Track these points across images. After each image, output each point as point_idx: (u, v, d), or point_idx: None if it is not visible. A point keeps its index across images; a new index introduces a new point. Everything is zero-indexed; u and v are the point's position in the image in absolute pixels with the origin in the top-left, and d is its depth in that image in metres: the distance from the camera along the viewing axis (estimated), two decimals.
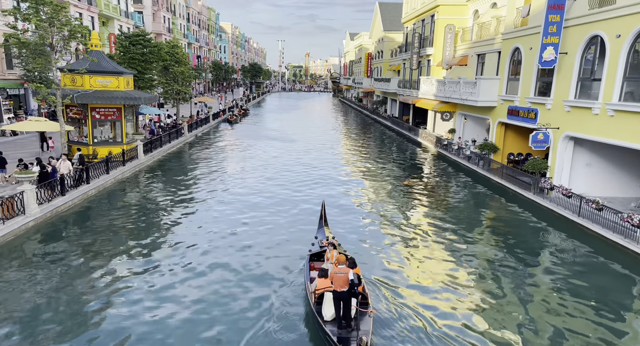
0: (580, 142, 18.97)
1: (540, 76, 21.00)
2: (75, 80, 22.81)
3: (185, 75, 37.15)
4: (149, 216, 16.49)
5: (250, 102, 79.74)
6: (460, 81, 27.64)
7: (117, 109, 23.66)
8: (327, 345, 8.28)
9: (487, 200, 20.33)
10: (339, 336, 8.18)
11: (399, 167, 27.83)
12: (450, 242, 14.73)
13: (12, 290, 10.59)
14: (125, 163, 23.10)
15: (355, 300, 8.72)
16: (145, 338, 8.89)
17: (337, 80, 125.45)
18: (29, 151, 24.70)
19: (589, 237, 15.21)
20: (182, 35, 73.09)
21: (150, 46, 31.01)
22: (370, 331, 8.31)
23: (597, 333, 9.64)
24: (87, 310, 9.85)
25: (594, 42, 17.41)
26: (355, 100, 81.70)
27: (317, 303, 8.98)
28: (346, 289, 8.52)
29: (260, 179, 22.72)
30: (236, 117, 50.51)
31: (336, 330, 8.41)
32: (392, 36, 56.81)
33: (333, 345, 7.96)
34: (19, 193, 14.47)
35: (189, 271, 11.88)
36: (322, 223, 13.38)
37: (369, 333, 8.19)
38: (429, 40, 38.43)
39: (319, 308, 8.88)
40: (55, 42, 19.60)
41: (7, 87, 33.05)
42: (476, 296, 11.03)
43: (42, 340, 8.72)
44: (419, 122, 41.96)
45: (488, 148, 24.92)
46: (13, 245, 13.17)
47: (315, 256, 11.30)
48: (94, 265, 12.06)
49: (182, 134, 34.26)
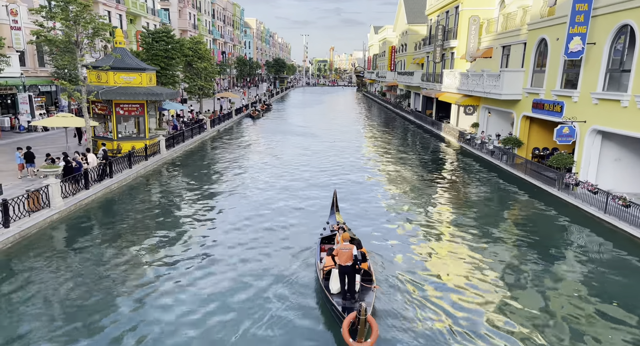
0: (609, 136, 18.25)
1: (567, 68, 20.28)
2: (100, 76, 23.40)
3: (208, 71, 37.61)
4: (170, 209, 16.80)
5: (274, 97, 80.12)
6: (483, 74, 26.98)
7: (140, 105, 24.17)
8: (333, 314, 9.28)
9: (510, 196, 19.83)
10: (343, 306, 9.09)
11: (421, 162, 27.45)
12: (471, 238, 14.45)
13: (38, 280, 10.98)
14: (148, 158, 23.59)
15: (359, 276, 9.69)
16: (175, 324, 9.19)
17: (361, 74, 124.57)
18: (58, 146, 25.53)
19: (616, 235, 14.64)
20: (207, 31, 73.93)
21: (173, 42, 31.47)
22: (372, 303, 9.25)
23: (621, 334, 9.28)
24: (111, 300, 10.12)
25: (623, 31, 16.66)
26: (378, 94, 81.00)
27: (325, 279, 10.05)
28: (350, 264, 9.44)
29: (278, 175, 22.82)
30: (259, 112, 50.83)
31: (341, 301, 9.34)
32: (416, 29, 55.92)
33: (338, 314, 8.90)
34: (44, 186, 14.98)
35: (211, 261, 12.12)
36: (334, 210, 14.47)
37: (371, 304, 9.12)
38: (453, 32, 37.65)
39: (327, 283, 9.90)
40: (80, 40, 20.12)
41: (39, 84, 34.22)
42: (495, 293, 10.79)
43: (70, 331, 8.96)
44: (443, 116, 41.26)
45: (512, 143, 24.29)
46: (38, 237, 13.66)
47: (326, 239, 12.29)
48: (116, 257, 12.38)
49: (204, 129, 34.72)
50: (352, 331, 8.24)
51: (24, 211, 13.99)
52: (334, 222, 13.34)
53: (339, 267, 9.57)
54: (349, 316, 8.35)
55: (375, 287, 9.80)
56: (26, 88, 31.69)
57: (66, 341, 8.65)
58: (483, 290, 10.98)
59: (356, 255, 9.45)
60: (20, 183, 17.91)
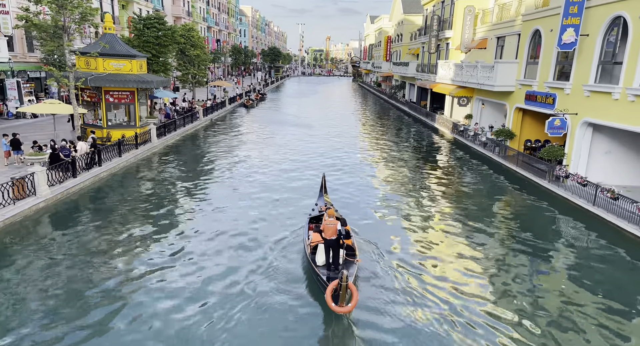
0: (600, 129, 18.23)
1: (561, 60, 20.17)
2: (89, 63, 23.02)
3: (201, 59, 37.17)
4: (160, 197, 16.66)
5: (269, 87, 79.55)
6: (477, 65, 26.83)
7: (130, 92, 23.85)
8: (318, 283, 10.14)
9: (501, 188, 19.84)
10: (327, 276, 10.02)
11: (414, 153, 27.38)
12: (460, 228, 14.46)
13: (21, 270, 10.86)
14: (139, 147, 23.35)
15: (343, 251, 10.57)
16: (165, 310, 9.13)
17: (357, 64, 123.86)
18: (47, 133, 25.20)
19: (604, 227, 14.69)
20: (201, 18, 73.03)
21: (165, 29, 31.00)
22: (355, 274, 10.23)
23: (608, 324, 9.32)
24: (97, 289, 10.03)
25: (616, 23, 16.55)
26: (373, 85, 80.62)
27: (312, 253, 11.08)
28: (335, 238, 10.29)
29: (272, 163, 22.69)
30: (253, 102, 50.45)
31: (326, 272, 10.26)
32: (411, 19, 55.49)
33: (323, 283, 9.77)
34: (29, 174, 14.77)
35: (201, 247, 12.06)
36: (322, 192, 15.30)
37: (353, 274, 10.08)
38: (448, 22, 37.35)
39: (313, 257, 10.89)
40: (67, 24, 19.74)
41: (28, 69, 33.69)
42: (481, 281, 10.81)
43: (56, 321, 8.85)
44: (437, 107, 41.14)
45: (504, 135, 24.25)
46: (23, 225, 13.50)
47: (314, 219, 13.13)
48: (103, 245, 12.26)
49: (197, 118, 34.42)
50: (334, 297, 8.95)
51: (8, 199, 13.80)
52: (323, 203, 14.21)
53: (324, 241, 10.45)
54: (332, 284, 9.07)
55: (358, 261, 10.69)
56: (14, 74, 31.20)
57: (48, 329, 8.56)
58: (467, 276, 11.03)
59: (340, 230, 10.33)
60: (7, 170, 17.67)
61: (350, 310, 8.87)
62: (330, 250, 10.40)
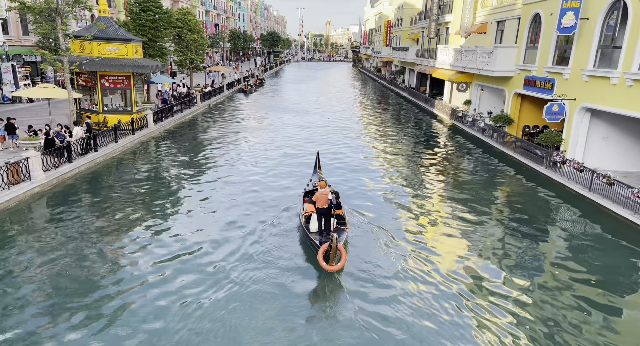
0: (598, 114, 18.11)
1: (560, 44, 19.93)
2: (84, 47, 22.79)
3: (199, 43, 36.77)
4: (156, 182, 16.64)
5: (267, 72, 78.94)
6: (477, 50, 26.53)
7: (126, 77, 23.65)
8: (311, 247, 11.29)
9: (499, 174, 19.79)
10: (319, 241, 11.02)
11: (412, 139, 27.27)
12: (456, 212, 14.46)
13: (14, 253, 10.89)
14: (135, 132, 23.25)
15: (334, 219, 11.50)
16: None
17: (357, 49, 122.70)
18: (42, 118, 25.04)
19: (600, 213, 14.69)
20: (199, 2, 72.12)
21: (161, 13, 30.61)
22: (344, 239, 11.39)
23: (601, 309, 9.38)
24: (95, 277, 10.05)
25: (616, 6, 16.29)
26: (373, 70, 79.96)
27: (306, 222, 12.17)
28: (326, 206, 11.22)
29: (268, 149, 22.62)
30: (251, 87, 50.11)
31: (318, 237, 11.28)
32: (411, 3, 54.74)
33: (315, 246, 10.92)
34: (24, 159, 14.72)
35: (201, 230, 12.10)
36: (316, 169, 16.29)
37: (342, 239, 11.24)
38: (449, 6, 36.87)
39: (307, 225, 12.01)
40: (60, 7, 19.47)
41: (23, 53, 33.40)
42: (476, 264, 10.84)
43: (54, 307, 8.88)
44: (436, 93, 40.85)
45: (502, 121, 24.11)
46: (18, 210, 13.50)
47: (309, 193, 14.00)
48: (98, 230, 12.28)
49: (194, 104, 34.22)
50: (325, 257, 10.25)
51: (2, 184, 13.78)
52: (317, 179, 15.09)
53: (317, 209, 11.44)
54: (323, 246, 10.36)
55: (348, 228, 11.93)
56: (9, 57, 30.92)
57: (42, 315, 8.61)
58: (461, 258, 11.08)
59: (331, 199, 11.26)
60: (1, 155, 17.62)
61: (340, 268, 10.21)
62: (322, 218, 11.38)
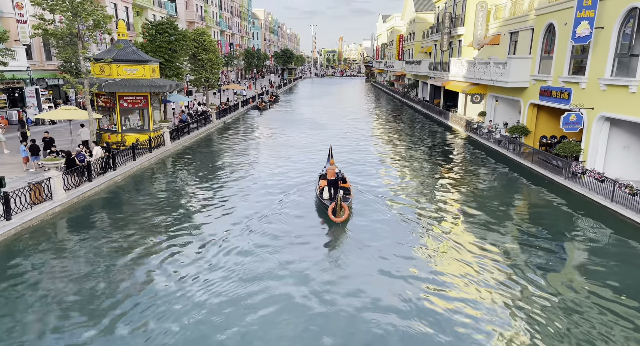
0: (617, 123, 17.80)
1: (575, 53, 19.76)
2: (103, 69, 23.44)
3: (213, 62, 37.44)
4: (174, 199, 16.84)
5: (281, 89, 79.81)
6: (490, 61, 26.47)
7: (143, 97, 24.18)
8: (324, 208, 14.92)
9: (517, 185, 19.51)
10: (329, 203, 14.80)
11: (428, 151, 27.13)
12: (475, 225, 14.27)
13: (37, 271, 11.08)
14: (152, 150, 23.65)
15: (341, 191, 14.24)
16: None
17: (370, 64, 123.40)
18: (65, 139, 25.69)
19: (623, 224, 14.33)
20: (214, 22, 73.68)
21: (176, 34, 31.35)
22: (349, 204, 15.11)
23: (625, 324, 9.07)
24: (117, 292, 10.17)
25: (632, 14, 16.14)
26: (387, 84, 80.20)
27: (320, 192, 16.00)
28: (334, 178, 15.33)
29: (285, 163, 22.74)
30: (265, 104, 50.68)
31: (329, 201, 15.09)
32: (423, 17, 55.10)
33: (326, 207, 14.64)
34: (45, 179, 15.08)
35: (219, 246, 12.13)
36: (329, 158, 19.65)
37: (348, 201, 15.20)
38: (461, 19, 36.97)
39: (320, 194, 15.91)
40: (81, 32, 20.12)
41: (46, 77, 34.43)
42: (495, 279, 10.62)
43: (74, 324, 9.02)
44: (450, 105, 40.73)
45: (519, 131, 23.86)
46: (40, 229, 13.78)
47: (323, 176, 17.29)
48: (118, 248, 12.44)
49: (210, 121, 34.72)
50: (333, 212, 14.22)
51: (25, 203, 14.12)
52: (329, 165, 17.31)
53: (327, 181, 15.48)
54: (331, 205, 14.36)
55: (352, 196, 16.04)
56: (33, 81, 31.92)
57: (65, 331, 8.71)
58: (481, 270, 10.83)
59: (337, 172, 15.50)
60: (25, 176, 18.09)
61: (344, 219, 14.22)
62: (332, 187, 15.25)
